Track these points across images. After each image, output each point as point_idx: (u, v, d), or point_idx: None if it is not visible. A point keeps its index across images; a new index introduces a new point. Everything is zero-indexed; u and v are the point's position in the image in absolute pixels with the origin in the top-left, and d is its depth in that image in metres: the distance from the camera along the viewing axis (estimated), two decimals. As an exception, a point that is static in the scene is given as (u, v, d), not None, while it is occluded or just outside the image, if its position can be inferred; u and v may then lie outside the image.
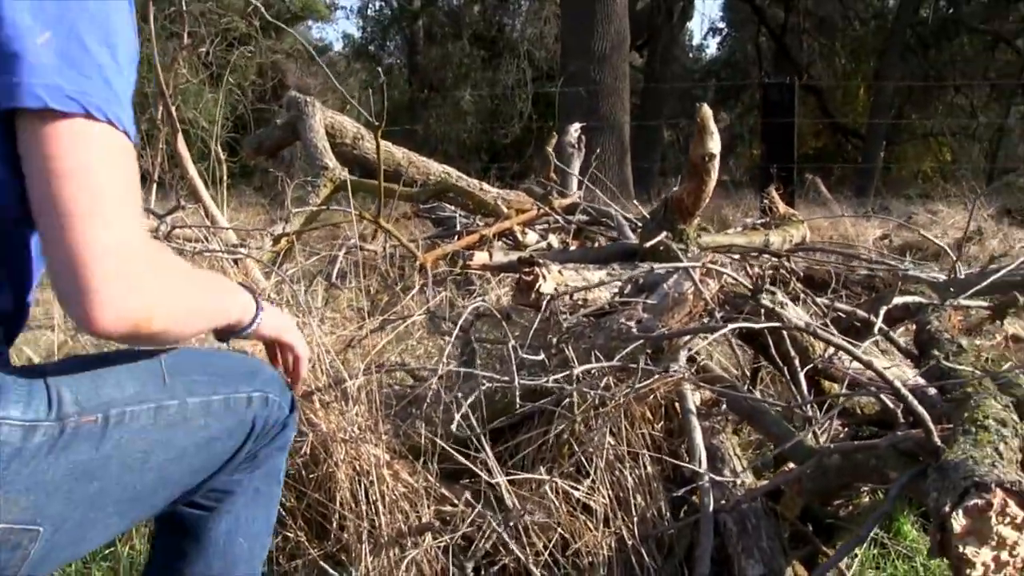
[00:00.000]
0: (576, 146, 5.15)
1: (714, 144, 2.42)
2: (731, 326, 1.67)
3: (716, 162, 2.46)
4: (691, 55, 22.62)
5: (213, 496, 1.17)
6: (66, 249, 0.85)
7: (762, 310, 1.77)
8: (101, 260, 0.85)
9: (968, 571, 1.21)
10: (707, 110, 2.37)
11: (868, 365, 1.54)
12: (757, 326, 1.72)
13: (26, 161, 0.87)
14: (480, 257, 2.47)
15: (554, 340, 2.10)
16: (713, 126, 2.41)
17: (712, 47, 28.62)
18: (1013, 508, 1.23)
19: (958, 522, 1.22)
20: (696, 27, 32.24)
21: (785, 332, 1.97)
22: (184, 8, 5.22)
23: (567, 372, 1.85)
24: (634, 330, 1.86)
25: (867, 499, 2.25)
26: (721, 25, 22.85)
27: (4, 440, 0.88)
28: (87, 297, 0.85)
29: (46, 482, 0.91)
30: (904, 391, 1.44)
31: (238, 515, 1.20)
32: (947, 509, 1.22)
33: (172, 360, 1.07)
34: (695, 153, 2.44)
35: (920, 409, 1.46)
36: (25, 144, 0.87)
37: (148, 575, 1.25)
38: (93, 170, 0.87)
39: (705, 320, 2.12)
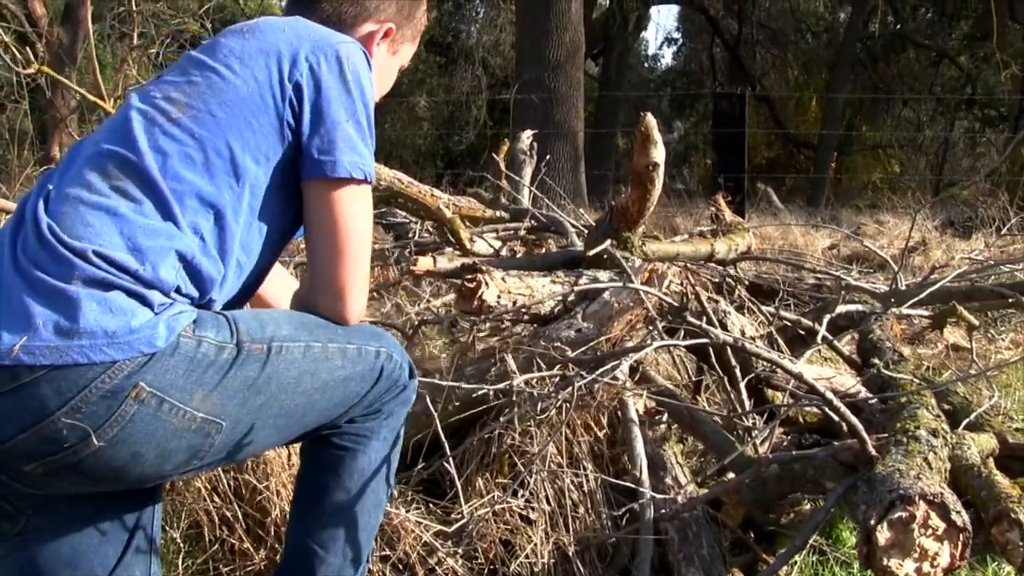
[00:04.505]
0: (528, 153, 5.13)
1: (658, 153, 2.41)
2: (655, 344, 1.67)
3: (660, 171, 2.46)
4: (646, 64, 22.80)
5: (350, 439, 1.45)
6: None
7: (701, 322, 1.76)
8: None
9: (891, 583, 1.21)
10: (651, 120, 2.37)
11: (798, 377, 1.54)
12: (683, 343, 1.73)
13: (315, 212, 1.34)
14: (424, 263, 2.44)
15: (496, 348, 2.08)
16: (657, 136, 2.40)
17: (667, 57, 28.89)
18: (935, 519, 1.24)
19: (883, 535, 1.22)
20: (651, 37, 32.48)
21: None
22: (135, 8, 5.11)
23: (507, 383, 1.83)
24: (568, 352, 1.85)
25: (808, 506, 2.26)
26: (676, 35, 23.13)
27: (204, 353, 1.19)
28: (345, 313, 1.36)
29: (229, 388, 1.21)
30: (836, 402, 1.45)
31: (370, 455, 1.47)
32: (873, 522, 1.22)
33: (317, 318, 1.37)
34: (639, 162, 2.43)
35: (853, 419, 1.47)
36: (317, 200, 1.33)
37: (298, 507, 1.51)
38: (363, 219, 1.35)
39: (648, 326, 2.12)
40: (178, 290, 1.22)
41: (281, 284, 1.67)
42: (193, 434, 1.20)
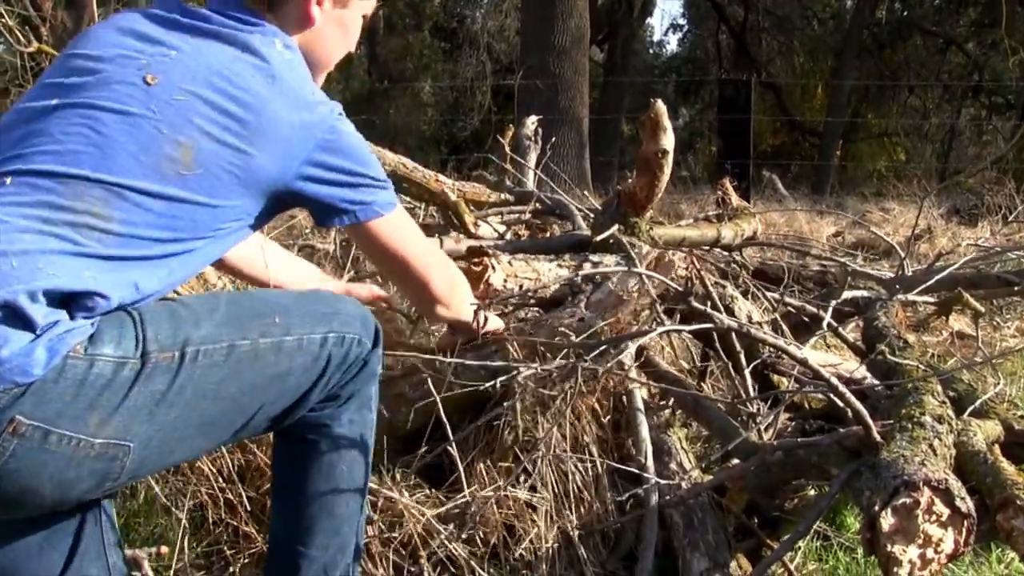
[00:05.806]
0: (533, 139, 5.11)
1: (667, 140, 2.41)
2: (660, 329, 1.66)
3: (670, 158, 2.46)
4: (652, 51, 22.69)
5: (310, 430, 1.37)
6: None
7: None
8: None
9: (895, 569, 1.22)
10: (661, 106, 2.36)
11: (803, 363, 1.54)
12: (686, 328, 1.72)
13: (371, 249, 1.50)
14: (429, 247, 2.43)
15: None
16: (667, 122, 2.40)
17: (672, 43, 28.82)
18: (939, 506, 1.24)
19: (887, 521, 1.22)
20: (657, 23, 32.31)
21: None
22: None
23: (509, 370, 1.83)
24: (572, 337, 1.84)
25: (813, 492, 2.27)
26: (682, 21, 23.01)
27: (99, 372, 1.07)
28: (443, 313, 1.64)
29: (131, 407, 1.09)
30: (841, 388, 1.44)
31: (335, 443, 1.39)
32: (877, 508, 1.22)
33: (251, 303, 1.28)
34: (648, 149, 2.42)
35: (858, 405, 1.46)
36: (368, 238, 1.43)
37: (274, 502, 1.47)
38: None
39: (652, 313, 2.12)
40: (67, 303, 1.10)
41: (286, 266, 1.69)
42: (95, 460, 1.09)
